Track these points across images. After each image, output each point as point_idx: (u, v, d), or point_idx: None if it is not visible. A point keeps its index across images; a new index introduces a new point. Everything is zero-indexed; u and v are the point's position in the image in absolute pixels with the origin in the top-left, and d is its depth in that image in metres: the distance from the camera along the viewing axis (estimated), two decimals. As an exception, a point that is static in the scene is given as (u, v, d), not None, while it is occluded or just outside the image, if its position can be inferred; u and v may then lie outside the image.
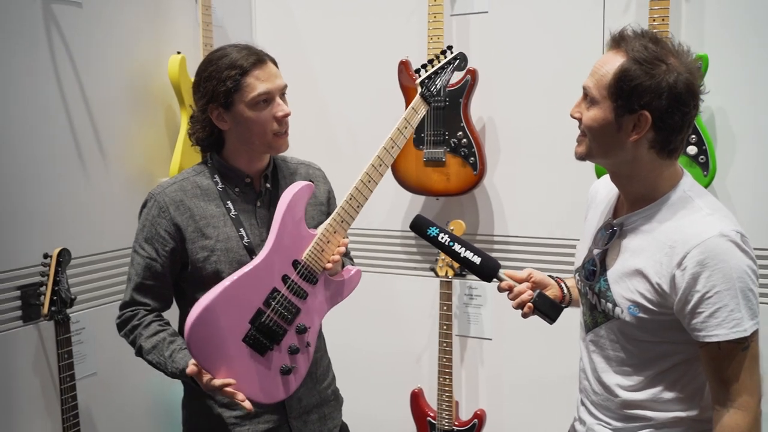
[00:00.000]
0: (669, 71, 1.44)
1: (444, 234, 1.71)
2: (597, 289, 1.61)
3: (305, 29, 3.13)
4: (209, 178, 1.82)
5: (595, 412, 1.68)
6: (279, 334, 1.71)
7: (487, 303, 2.90)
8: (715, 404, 1.49)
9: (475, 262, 1.67)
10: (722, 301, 1.42)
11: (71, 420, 2.28)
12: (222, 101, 1.73)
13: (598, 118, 1.51)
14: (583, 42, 2.62)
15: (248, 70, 1.71)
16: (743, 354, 1.44)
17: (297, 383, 1.76)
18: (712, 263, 1.42)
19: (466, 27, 2.80)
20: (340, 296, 1.83)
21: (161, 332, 1.77)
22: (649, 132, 1.47)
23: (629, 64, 1.46)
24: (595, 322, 1.64)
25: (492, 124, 2.80)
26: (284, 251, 1.73)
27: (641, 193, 1.56)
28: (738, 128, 2.43)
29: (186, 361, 1.68)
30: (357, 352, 3.09)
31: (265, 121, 1.75)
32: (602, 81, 1.49)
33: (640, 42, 1.47)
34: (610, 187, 1.69)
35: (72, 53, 2.47)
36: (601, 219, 1.68)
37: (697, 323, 1.45)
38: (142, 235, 1.79)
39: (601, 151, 1.55)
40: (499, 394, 2.93)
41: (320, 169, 2.03)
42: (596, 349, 1.65)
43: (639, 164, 1.52)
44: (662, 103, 1.44)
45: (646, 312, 1.51)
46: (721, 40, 2.42)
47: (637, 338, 1.56)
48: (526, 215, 2.81)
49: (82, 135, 2.52)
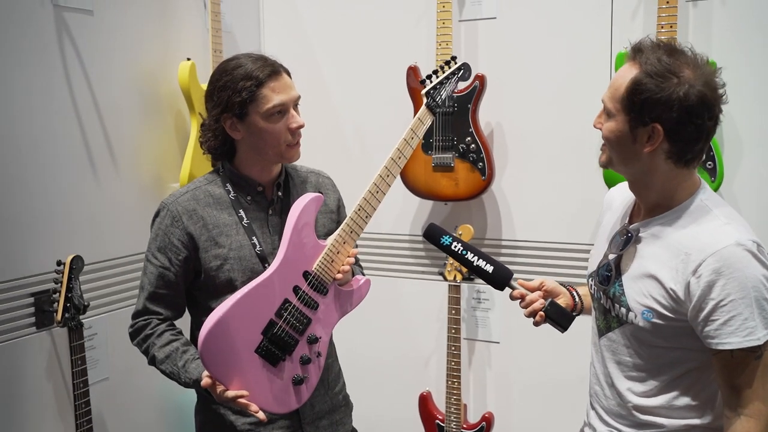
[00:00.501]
0: (680, 84, 1.45)
1: (457, 243, 1.72)
2: (611, 293, 1.62)
3: (314, 35, 3.14)
4: (221, 187, 1.84)
5: (606, 418, 1.69)
6: (291, 344, 1.72)
7: (495, 307, 2.91)
8: (727, 412, 1.50)
9: (488, 270, 1.69)
10: (736, 309, 1.44)
11: (85, 425, 2.30)
12: (237, 111, 1.74)
13: (614, 130, 1.53)
14: (590, 48, 2.63)
15: (264, 81, 1.73)
16: (756, 363, 1.46)
17: (309, 393, 1.77)
18: (728, 272, 1.44)
19: (475, 33, 2.81)
20: (350, 306, 1.85)
21: (174, 342, 1.79)
22: (664, 143, 1.49)
23: (641, 77, 1.47)
24: (609, 327, 1.65)
25: (500, 129, 2.81)
26: (295, 262, 1.74)
27: (658, 201, 1.57)
28: (745, 134, 2.44)
29: (199, 371, 1.69)
30: (366, 355, 3.10)
31: (279, 132, 1.76)
32: (616, 94, 1.52)
33: (655, 54, 1.48)
34: (627, 194, 1.70)
35: (83, 60, 2.48)
36: (617, 225, 1.69)
37: (710, 330, 1.46)
38: (155, 244, 1.81)
39: (619, 161, 1.57)
40: (507, 397, 2.94)
41: (329, 177, 2.05)
42: (609, 354, 1.66)
43: (656, 174, 1.54)
44: (673, 116, 1.45)
45: (660, 318, 1.53)
46: (728, 46, 2.43)
47: (651, 344, 1.57)
48: (533, 220, 2.82)
49: (94, 142, 2.54)
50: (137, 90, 2.72)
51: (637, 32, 2.50)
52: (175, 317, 1.86)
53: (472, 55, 2.82)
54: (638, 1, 2.53)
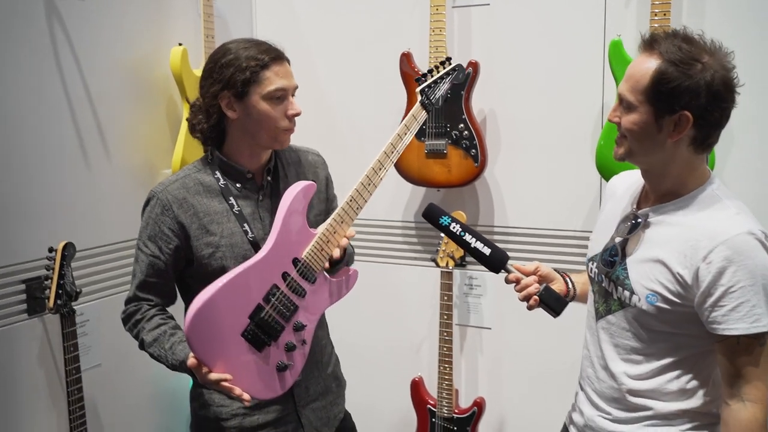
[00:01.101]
0: (705, 69, 1.46)
1: (456, 224, 1.74)
2: (614, 276, 1.64)
3: (306, 21, 3.13)
4: (210, 175, 1.83)
5: (596, 401, 1.71)
6: (277, 330, 1.72)
7: (487, 293, 2.92)
8: (728, 398, 1.52)
9: (484, 253, 1.70)
10: (745, 296, 1.45)
11: (77, 411, 2.30)
12: (238, 89, 1.74)
13: (638, 122, 1.53)
14: (584, 35, 2.63)
15: (268, 64, 1.75)
16: (760, 349, 1.48)
17: (293, 379, 1.78)
18: (739, 259, 1.45)
19: (468, 19, 2.81)
20: (337, 295, 1.85)
21: (162, 325, 1.80)
22: (690, 130, 1.49)
23: (665, 66, 1.47)
24: (609, 310, 1.66)
25: (493, 116, 2.81)
26: (285, 249, 1.74)
27: (671, 188, 1.58)
28: (737, 124, 2.43)
29: (186, 353, 1.70)
30: (358, 341, 3.11)
31: (277, 117, 1.77)
32: (638, 85, 1.51)
33: (673, 43, 1.49)
34: (631, 181, 1.72)
35: (74, 46, 2.47)
36: (623, 210, 1.70)
37: (717, 316, 1.48)
38: (145, 233, 1.81)
39: (641, 152, 1.57)
40: (498, 383, 2.97)
41: (319, 154, 2.05)
42: (606, 337, 1.68)
43: (675, 162, 1.55)
44: (701, 102, 1.46)
45: (665, 302, 1.54)
46: (721, 34, 2.40)
47: (653, 328, 1.59)
48: (526, 206, 2.83)
49: (85, 128, 2.53)
50: (129, 76, 2.70)
51: (630, 20, 2.51)
52: (166, 304, 1.87)
53: (466, 41, 2.81)
54: (632, -11, 2.54)
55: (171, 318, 1.84)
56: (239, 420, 1.85)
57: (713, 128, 1.51)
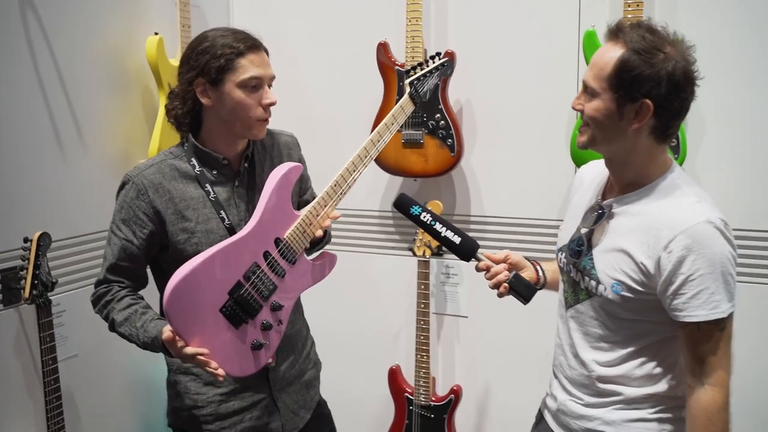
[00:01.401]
0: (667, 60, 1.49)
1: (426, 213, 1.75)
2: (581, 266, 1.67)
3: (283, 10, 3.12)
4: (186, 162, 1.83)
5: (568, 388, 1.74)
6: (255, 308, 1.72)
7: (464, 282, 2.95)
8: (691, 382, 1.56)
9: (455, 241, 1.73)
10: (705, 284, 1.49)
11: (54, 402, 2.29)
12: (212, 76, 1.74)
13: (600, 109, 1.55)
14: (559, 25, 2.65)
15: (244, 52, 1.75)
16: (720, 334, 1.52)
17: (266, 358, 1.78)
18: (698, 248, 1.49)
19: (445, 9, 2.82)
20: (316, 279, 1.87)
21: (134, 305, 1.79)
22: (651, 119, 1.52)
23: (629, 55, 1.50)
24: (577, 299, 1.70)
25: (469, 106, 2.83)
26: (268, 228, 1.75)
27: (634, 178, 1.61)
28: (708, 113, 2.49)
29: (158, 329, 1.70)
30: (336, 330, 3.12)
31: (251, 106, 1.77)
32: (602, 73, 1.53)
33: (638, 33, 1.51)
34: (597, 171, 1.75)
35: (48, 35, 2.44)
36: (589, 201, 1.73)
37: (678, 304, 1.52)
38: (119, 216, 1.80)
39: (603, 140, 1.59)
40: (474, 370, 3.00)
41: (293, 135, 2.06)
42: (576, 325, 1.71)
43: (636, 150, 1.57)
44: (662, 91, 1.49)
45: (629, 291, 1.57)
46: (693, 26, 2.46)
47: (618, 316, 1.62)
48: (502, 196, 2.86)
49: (60, 117, 2.50)
50: (104, 65, 2.68)
51: (604, 10, 2.53)
52: (137, 287, 1.87)
53: (442, 31, 2.83)
54: (606, -20, 2.56)
55: (141, 298, 1.84)
56: (215, 407, 1.86)
57: (673, 118, 1.54)
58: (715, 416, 1.51)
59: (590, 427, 1.68)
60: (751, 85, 2.43)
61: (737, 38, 2.43)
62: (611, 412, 1.65)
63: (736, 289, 1.53)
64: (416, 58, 2.66)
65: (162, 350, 1.72)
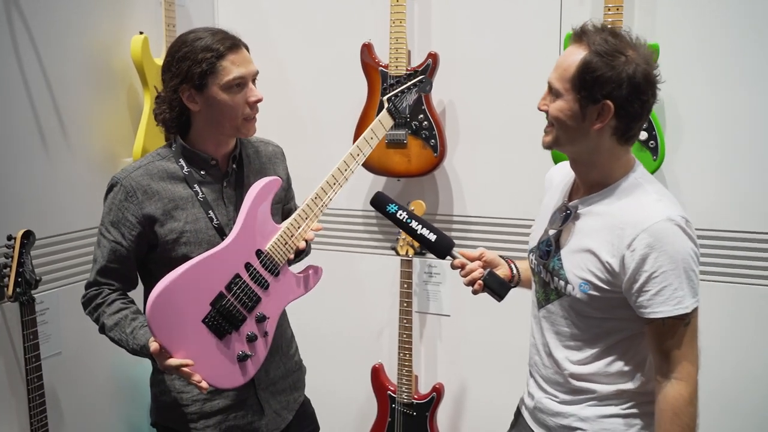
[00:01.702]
0: (628, 62, 1.52)
1: (402, 211, 1.78)
2: (551, 267, 1.70)
3: (268, 10, 3.13)
4: (174, 163, 1.84)
5: (544, 386, 1.77)
6: (239, 319, 1.74)
7: (446, 281, 2.98)
8: (658, 376, 1.59)
9: (430, 239, 1.75)
10: (667, 280, 1.52)
11: (37, 399, 2.30)
12: (196, 82, 1.74)
13: (564, 109, 1.59)
14: (540, 28, 2.68)
15: (224, 53, 1.74)
16: (684, 329, 1.55)
17: (254, 370, 1.79)
18: (659, 245, 1.52)
19: (428, 10, 2.84)
20: (301, 290, 1.88)
21: (124, 310, 1.80)
22: (612, 120, 1.55)
23: (591, 57, 1.53)
24: (548, 299, 1.73)
25: (452, 107, 2.86)
26: (248, 240, 1.77)
27: (598, 179, 1.64)
28: (686, 115, 2.53)
29: (147, 337, 1.70)
30: (320, 328, 3.14)
31: (237, 105, 1.78)
32: (566, 74, 1.57)
33: (601, 36, 1.55)
34: (565, 172, 1.78)
35: (33, 34, 2.44)
36: (557, 202, 1.77)
37: (643, 301, 1.55)
38: (108, 218, 1.81)
39: (567, 140, 1.62)
40: (456, 368, 3.03)
41: (279, 146, 2.07)
42: (548, 325, 1.74)
43: (599, 151, 1.61)
44: (623, 93, 1.53)
45: (596, 290, 1.61)
46: (671, 30, 2.51)
47: (587, 314, 1.65)
48: (484, 196, 2.89)
49: (44, 116, 2.51)
50: (89, 64, 2.68)
51: (585, 14, 2.56)
52: (127, 289, 1.87)
53: (425, 32, 2.85)
54: (587, -17, 2.60)
55: (132, 302, 1.85)
56: (199, 405, 1.87)
57: (634, 120, 1.57)
58: (681, 409, 1.55)
59: (565, 423, 1.71)
60: (728, 88, 2.47)
61: (714, 41, 2.47)
62: (585, 408, 1.69)
63: (699, 285, 1.57)
64: (400, 59, 2.69)
65: (151, 358, 1.73)
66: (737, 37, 2.44)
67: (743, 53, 2.44)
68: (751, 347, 2.55)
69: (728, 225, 2.53)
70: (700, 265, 1.58)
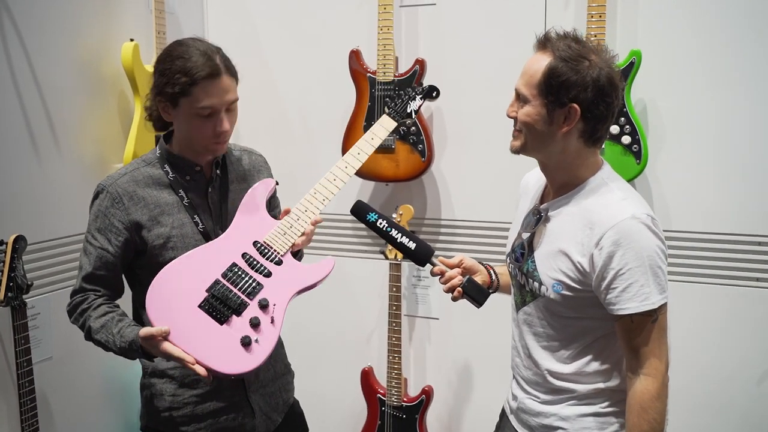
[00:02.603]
0: (592, 67, 1.57)
1: (382, 220, 1.80)
2: (525, 269, 1.73)
3: (257, 17, 3.16)
4: (159, 168, 1.86)
5: (525, 387, 1.80)
6: (238, 304, 1.72)
7: (435, 284, 2.99)
8: (628, 372, 1.63)
9: (410, 247, 1.77)
10: (633, 277, 1.56)
11: (28, 404, 2.31)
12: (169, 100, 1.77)
13: (531, 114, 1.63)
14: (525, 35, 2.66)
15: (197, 81, 1.72)
16: (652, 326, 1.58)
17: (264, 355, 1.71)
18: (625, 243, 1.56)
19: (415, 18, 2.88)
20: (309, 280, 1.84)
21: (110, 313, 1.80)
22: (579, 123, 1.60)
23: (556, 63, 1.58)
24: (524, 301, 1.76)
25: (439, 112, 2.89)
26: (245, 232, 1.81)
27: (566, 180, 1.68)
28: (669, 120, 2.58)
29: (135, 332, 1.70)
30: (309, 331, 3.16)
31: (204, 132, 1.79)
32: (532, 80, 1.61)
33: (564, 42, 1.60)
34: (539, 176, 1.82)
35: (24, 40, 2.46)
36: (531, 206, 1.80)
37: (612, 298, 1.58)
38: (94, 225, 1.82)
39: (535, 144, 1.66)
40: (445, 371, 3.05)
41: (262, 155, 2.08)
42: (526, 327, 1.78)
43: (567, 154, 1.64)
44: (588, 96, 1.57)
45: (568, 289, 1.64)
46: (653, 36, 2.55)
47: (561, 314, 1.69)
48: (471, 200, 2.92)
49: (35, 121, 2.52)
50: (80, 70, 2.70)
51: (568, 21, 2.60)
52: (113, 296, 1.87)
53: (413, 40, 2.89)
54: (570, -9, 2.64)
55: (117, 307, 1.85)
56: (191, 408, 1.88)
57: (600, 122, 1.61)
58: (648, 404, 1.58)
59: (547, 423, 1.74)
60: (709, 93, 2.51)
61: (695, 47, 2.52)
62: (566, 408, 1.72)
63: (667, 282, 1.60)
64: (387, 65, 2.73)
65: (140, 354, 1.73)
66: (718, 43, 2.49)
67: (724, 58, 2.49)
68: (741, 348, 2.58)
69: (710, 227, 2.57)
70: (679, 266, 1.61)
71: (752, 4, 2.43)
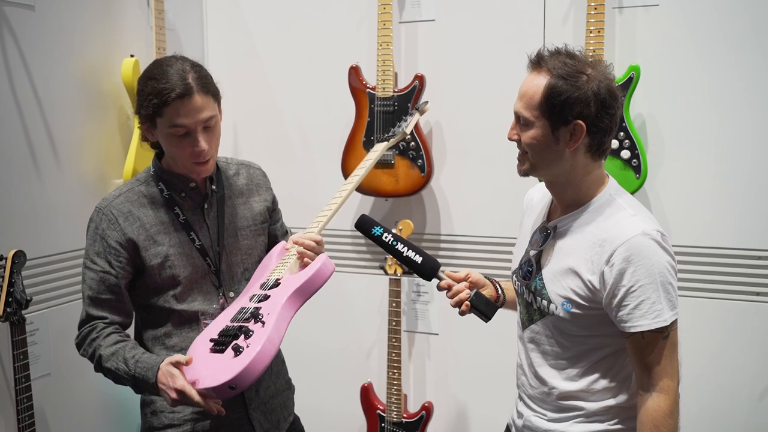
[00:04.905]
0: (590, 80, 1.56)
1: (388, 234, 1.79)
2: (533, 287, 1.72)
3: (257, 34, 3.18)
4: (154, 186, 1.86)
5: (532, 406, 1.78)
6: (236, 329, 1.68)
7: (434, 300, 3.00)
8: (639, 389, 1.61)
9: (416, 261, 1.76)
10: (645, 294, 1.55)
11: (26, 420, 2.29)
12: (147, 121, 1.77)
13: (536, 136, 1.61)
14: (523, 50, 2.68)
15: (168, 102, 1.70)
16: (664, 342, 1.58)
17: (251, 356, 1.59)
18: (636, 260, 1.55)
19: (414, 34, 2.90)
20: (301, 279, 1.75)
21: (121, 342, 1.77)
22: (585, 138, 1.59)
23: (555, 81, 1.56)
24: (531, 319, 1.75)
25: (439, 127, 2.90)
26: (257, 281, 1.83)
27: (574, 197, 1.67)
28: (667, 134, 2.59)
29: (155, 359, 1.67)
30: (309, 347, 3.15)
31: (183, 151, 1.78)
32: (532, 101, 1.60)
33: (558, 59, 1.59)
34: (543, 192, 1.81)
35: (25, 56, 2.47)
36: (537, 223, 1.79)
37: (623, 315, 1.57)
38: (93, 249, 1.81)
39: (543, 165, 1.65)
40: (445, 387, 3.04)
41: (260, 168, 2.08)
42: (533, 345, 1.76)
43: (575, 170, 1.63)
44: (592, 110, 1.56)
45: (578, 308, 1.63)
46: (652, 50, 2.57)
47: (571, 333, 1.67)
48: (471, 215, 2.92)
49: (36, 137, 2.53)
50: (80, 86, 2.71)
51: (567, 37, 2.62)
52: (122, 323, 1.84)
53: (412, 55, 2.91)
54: (568, 8, 2.65)
55: (128, 336, 1.82)
56: (191, 425, 1.87)
57: (605, 134, 1.60)
58: (660, 422, 1.56)
59: None
60: (708, 107, 2.53)
61: (693, 62, 2.53)
62: (573, 425, 1.70)
63: (678, 298, 1.60)
64: (387, 81, 2.74)
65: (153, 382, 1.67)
66: (716, 57, 2.50)
67: (722, 72, 2.50)
68: (741, 362, 2.58)
69: (709, 241, 2.57)
70: (679, 280, 1.61)
71: (750, 20, 2.45)
